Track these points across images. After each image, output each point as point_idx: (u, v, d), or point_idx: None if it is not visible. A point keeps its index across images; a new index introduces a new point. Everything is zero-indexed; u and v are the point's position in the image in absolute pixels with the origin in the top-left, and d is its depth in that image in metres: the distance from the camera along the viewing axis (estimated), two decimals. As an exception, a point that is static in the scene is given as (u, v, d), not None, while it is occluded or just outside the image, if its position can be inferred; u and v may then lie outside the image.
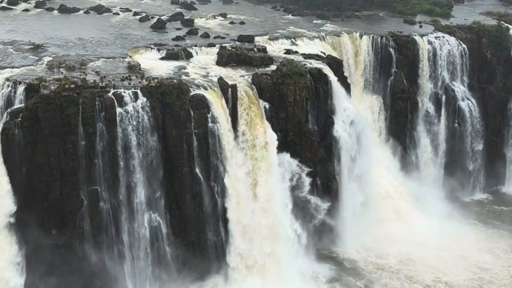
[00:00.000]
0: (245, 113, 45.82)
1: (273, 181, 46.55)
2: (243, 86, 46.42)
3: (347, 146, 51.11)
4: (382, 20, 68.18)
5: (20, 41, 50.96)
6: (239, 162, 45.63)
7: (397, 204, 56.88)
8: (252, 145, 45.99)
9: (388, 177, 57.33)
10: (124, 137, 41.53)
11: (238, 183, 45.68)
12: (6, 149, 40.02)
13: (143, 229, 43.04)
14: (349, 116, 51.43)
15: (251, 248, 46.01)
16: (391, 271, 49.63)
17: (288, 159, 47.34)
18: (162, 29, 58.45)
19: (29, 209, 40.76)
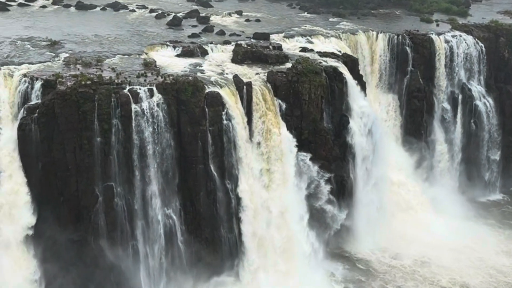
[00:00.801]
0: (260, 111, 45.81)
1: (288, 179, 46.46)
2: (258, 84, 46.41)
3: (362, 144, 50.95)
4: (398, 19, 67.83)
5: (37, 37, 51.33)
6: (253, 159, 45.63)
7: (412, 203, 56.64)
8: (266, 142, 45.95)
9: (402, 176, 57.08)
10: (139, 134, 41.68)
11: (252, 180, 45.67)
12: (23, 144, 40.37)
13: (158, 226, 43.19)
14: (364, 115, 51.26)
15: (264, 245, 46.04)
16: (406, 272, 49.35)
17: (303, 157, 47.29)
18: (178, 26, 58.62)
19: (45, 204, 41.09)
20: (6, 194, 40.73)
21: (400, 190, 56.99)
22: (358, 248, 51.46)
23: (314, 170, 47.99)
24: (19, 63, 44.34)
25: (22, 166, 40.73)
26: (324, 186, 48.45)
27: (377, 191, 52.74)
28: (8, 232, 40.72)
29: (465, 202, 59.42)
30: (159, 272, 43.64)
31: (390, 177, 55.09)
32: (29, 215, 40.87)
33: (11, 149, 40.77)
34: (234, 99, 44.85)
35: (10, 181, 40.79)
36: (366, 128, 51.29)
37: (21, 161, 40.63)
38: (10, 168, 40.83)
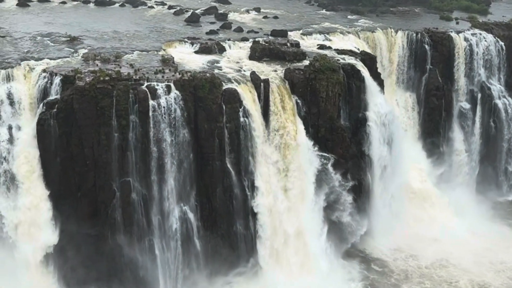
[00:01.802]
0: (277, 108, 45.80)
1: (304, 176, 46.42)
2: (276, 81, 46.39)
3: (379, 142, 50.67)
4: (417, 16, 67.39)
5: (56, 33, 51.77)
6: (270, 156, 45.66)
7: (429, 202, 56.22)
8: (283, 140, 45.94)
9: (420, 175, 56.70)
10: (156, 130, 41.89)
11: (269, 177, 45.70)
12: (41, 139, 40.77)
13: (174, 221, 43.38)
14: (382, 113, 50.96)
15: (279, 243, 46.08)
16: (423, 273, 48.81)
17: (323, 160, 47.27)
18: (196, 22, 58.76)
19: (62, 198, 41.48)
20: (25, 209, 40.84)
21: (417, 189, 56.58)
22: (374, 248, 51.17)
23: (335, 178, 47.94)
24: (38, 58, 44.74)
25: (41, 161, 41.03)
26: (345, 196, 48.45)
27: (394, 190, 52.44)
28: (27, 252, 40.64)
29: (484, 202, 58.78)
30: (175, 267, 43.83)
31: (407, 176, 54.74)
32: (50, 232, 41.03)
33: (31, 155, 40.87)
34: (251, 96, 44.89)
35: (28, 194, 40.98)
36: (383, 126, 50.99)
37: (40, 156, 40.99)
38: (29, 178, 41.03)
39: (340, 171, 47.92)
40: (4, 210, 40.44)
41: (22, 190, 40.81)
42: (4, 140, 40.61)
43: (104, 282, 42.24)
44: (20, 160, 40.85)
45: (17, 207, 40.66)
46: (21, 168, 40.84)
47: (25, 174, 40.94)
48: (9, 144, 40.61)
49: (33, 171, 41.12)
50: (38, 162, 41.12)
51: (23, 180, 40.86)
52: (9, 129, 40.88)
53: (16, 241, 40.61)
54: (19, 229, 40.70)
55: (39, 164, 41.14)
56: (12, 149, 40.67)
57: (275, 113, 45.73)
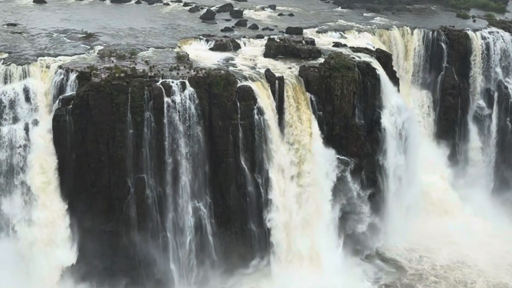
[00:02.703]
0: (292, 105, 45.73)
1: (318, 174, 46.34)
2: (290, 79, 46.31)
3: (394, 141, 50.41)
4: (434, 14, 66.92)
5: (73, 29, 52.10)
6: (284, 154, 45.59)
7: (444, 202, 55.82)
8: (297, 137, 45.89)
9: (435, 174, 56.34)
10: (171, 127, 42.01)
11: (283, 175, 45.67)
12: (57, 135, 41.05)
13: (188, 218, 43.51)
14: (397, 111, 50.67)
15: (293, 241, 46.03)
16: (438, 274, 48.38)
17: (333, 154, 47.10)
18: (211, 20, 58.84)
19: (77, 194, 41.74)
20: (41, 226, 40.82)
21: (432, 188, 56.18)
22: (387, 248, 50.85)
23: (354, 188, 47.90)
24: (55, 55, 45.08)
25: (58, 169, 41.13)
26: (364, 209, 48.44)
27: (408, 189, 52.13)
28: (42, 272, 40.51)
29: (501, 202, 58.16)
30: (188, 264, 43.97)
31: (422, 175, 54.37)
32: (67, 252, 41.13)
33: (47, 165, 40.96)
34: (265, 94, 44.85)
35: (44, 209, 41.09)
36: (398, 124, 50.72)
37: (55, 152, 41.25)
38: (45, 191, 41.16)
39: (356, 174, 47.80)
40: (18, 224, 40.27)
41: (38, 204, 40.88)
42: (20, 146, 40.71)
43: (118, 277, 42.46)
44: (35, 169, 40.96)
45: (32, 222, 40.64)
46: (36, 179, 40.87)
47: (41, 186, 41.04)
48: (24, 151, 40.80)
49: (49, 182, 41.25)
50: (55, 173, 41.26)
51: (38, 193, 40.95)
52: (26, 129, 41.08)
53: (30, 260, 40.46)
54: (34, 247, 40.54)
55: (56, 174, 41.25)
56: (27, 156, 40.82)
57: (289, 110, 45.66)
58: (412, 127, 52.26)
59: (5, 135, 40.76)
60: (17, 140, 40.81)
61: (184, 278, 43.71)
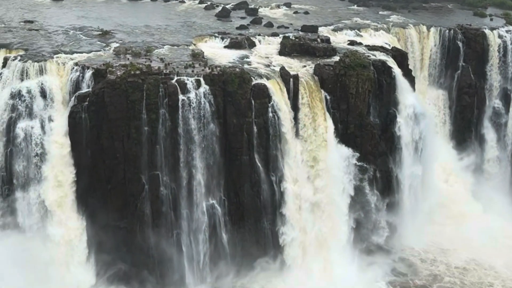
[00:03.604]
0: (306, 103, 45.66)
1: (332, 172, 46.24)
2: (305, 77, 46.23)
3: (409, 140, 50.15)
4: (450, 13, 66.46)
5: (89, 27, 52.42)
6: (298, 152, 45.53)
7: (459, 202, 55.45)
8: (312, 136, 45.81)
9: (450, 173, 55.99)
10: (186, 124, 42.11)
11: (297, 173, 45.62)
12: (73, 131, 41.33)
13: (201, 215, 43.59)
14: (413, 110, 50.37)
15: (306, 240, 45.99)
16: (453, 275, 48.00)
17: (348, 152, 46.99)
18: (226, 17, 58.90)
19: (92, 190, 42.02)
20: (58, 245, 40.96)
21: (447, 188, 55.90)
22: (401, 247, 50.58)
23: (372, 200, 47.90)
24: (71, 52, 45.36)
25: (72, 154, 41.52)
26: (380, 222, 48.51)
27: (423, 189, 51.83)
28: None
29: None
30: (202, 261, 44.09)
31: (437, 174, 54.07)
32: (85, 274, 41.50)
33: (62, 179, 41.10)
34: (280, 92, 44.81)
35: (60, 226, 41.28)
36: (413, 123, 50.43)
37: (71, 148, 41.53)
38: (61, 206, 41.34)
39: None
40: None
41: (53, 221, 41.17)
42: (36, 155, 40.98)
43: (132, 273, 42.72)
44: (50, 182, 41.20)
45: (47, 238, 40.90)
46: (52, 193, 41.15)
47: (57, 200, 41.32)
48: (41, 161, 41.09)
49: (65, 195, 41.52)
50: (72, 185, 41.54)
51: (53, 209, 41.19)
52: (42, 126, 41.35)
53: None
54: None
55: (74, 187, 41.56)
56: (43, 168, 41.10)
57: (304, 109, 45.59)
58: (428, 126, 51.85)
59: (22, 131, 41.08)
60: (33, 139, 41.13)
61: (197, 275, 43.84)
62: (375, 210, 48.42)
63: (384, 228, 49.08)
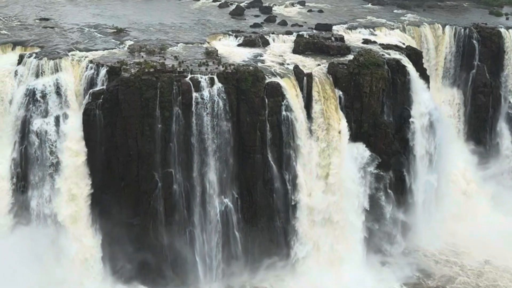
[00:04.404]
0: (320, 102, 45.56)
1: (345, 172, 46.14)
2: (319, 75, 46.13)
3: (423, 139, 49.90)
4: (466, 11, 65.99)
5: (104, 24, 52.67)
6: (311, 151, 45.46)
7: (474, 202, 55.09)
8: (325, 134, 45.71)
9: (465, 173, 55.66)
10: (199, 122, 42.19)
11: (310, 172, 45.56)
12: (87, 129, 41.55)
13: (214, 213, 43.66)
14: (427, 109, 50.09)
15: (319, 239, 45.92)
16: (467, 275, 47.60)
17: (362, 150, 46.83)
18: (240, 16, 58.92)
19: (106, 187, 42.24)
20: (74, 269, 41.12)
21: (461, 187, 55.56)
22: (415, 247, 50.36)
23: (388, 210, 47.83)
24: (85, 49, 45.58)
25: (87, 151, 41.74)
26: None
27: (437, 188, 51.53)
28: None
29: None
30: (214, 259, 44.18)
31: (451, 174, 53.76)
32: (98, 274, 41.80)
33: (77, 190, 41.32)
34: (294, 90, 44.77)
35: (75, 243, 41.31)
36: (428, 122, 50.15)
37: (85, 145, 41.76)
38: (75, 222, 41.38)
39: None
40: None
41: (68, 240, 41.20)
42: (51, 164, 41.21)
43: (145, 271, 42.91)
44: (64, 197, 41.35)
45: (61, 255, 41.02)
46: (66, 208, 41.19)
47: (72, 215, 41.47)
48: (55, 172, 41.24)
49: (79, 210, 41.66)
50: (86, 200, 41.70)
51: (67, 226, 41.29)
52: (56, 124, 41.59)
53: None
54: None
55: (88, 201, 41.75)
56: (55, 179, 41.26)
57: (317, 107, 45.48)
58: (442, 126, 51.59)
59: (37, 129, 41.38)
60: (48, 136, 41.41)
61: (209, 273, 43.93)
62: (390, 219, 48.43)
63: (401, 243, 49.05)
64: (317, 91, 45.47)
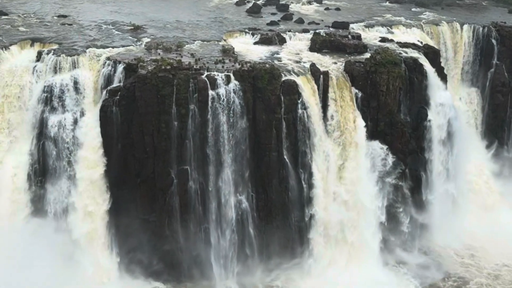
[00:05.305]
0: (336, 100, 45.43)
1: (361, 170, 45.97)
2: (335, 73, 45.99)
3: (440, 138, 49.56)
4: (485, 10, 65.39)
5: (121, 22, 52.94)
6: (327, 149, 45.35)
7: (491, 201, 54.65)
8: (341, 133, 45.59)
9: (481, 172, 55.21)
10: (215, 119, 42.26)
11: (326, 170, 45.46)
12: (104, 125, 41.81)
13: (229, 210, 43.72)
14: (444, 108, 49.75)
15: (334, 236, 45.86)
16: (483, 275, 47.20)
17: (379, 148, 46.63)
18: (257, 13, 58.90)
19: (122, 184, 42.49)
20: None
21: (478, 187, 55.13)
22: (431, 246, 50.06)
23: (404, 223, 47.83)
24: (103, 46, 45.85)
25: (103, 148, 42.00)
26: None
27: (454, 187, 51.16)
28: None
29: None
30: (229, 256, 44.23)
31: (468, 173, 53.35)
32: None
33: (94, 209, 41.52)
34: (310, 88, 44.67)
35: (91, 266, 41.59)
36: (445, 121, 49.80)
37: (102, 141, 42.03)
38: (92, 243, 41.73)
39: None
40: None
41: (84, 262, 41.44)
42: (67, 165, 41.63)
43: (159, 267, 43.15)
44: (79, 214, 41.56)
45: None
46: (81, 228, 41.38)
47: (88, 235, 41.74)
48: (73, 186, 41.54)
49: (96, 229, 41.92)
50: (104, 218, 42.00)
51: (84, 245, 41.44)
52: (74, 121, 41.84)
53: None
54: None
55: (106, 221, 42.11)
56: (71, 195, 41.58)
57: (333, 105, 45.38)
58: (459, 125, 51.21)
59: (54, 125, 41.73)
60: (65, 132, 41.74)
61: (224, 270, 43.99)
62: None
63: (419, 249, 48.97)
64: (334, 90, 45.32)
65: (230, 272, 44.23)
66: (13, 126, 42.62)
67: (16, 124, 42.62)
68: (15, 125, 42.63)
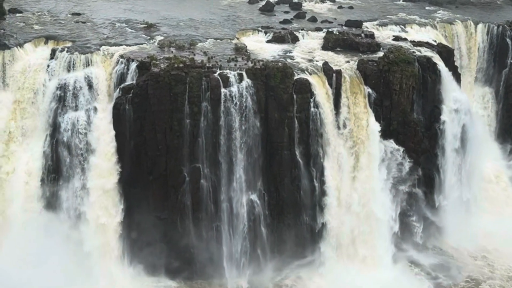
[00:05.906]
0: (349, 99, 45.30)
1: (374, 170, 45.82)
2: (348, 72, 45.86)
3: (453, 138, 49.28)
4: (500, 8, 64.83)
5: (134, 20, 53.09)
6: (339, 148, 45.26)
7: (505, 201, 54.23)
8: (354, 132, 45.47)
9: (495, 172, 54.85)
10: (227, 118, 42.30)
11: (338, 169, 45.37)
12: (117, 123, 42.03)
13: (241, 209, 43.75)
14: (458, 108, 49.44)
15: (346, 235, 45.74)
16: (497, 276, 46.77)
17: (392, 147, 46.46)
18: (270, 12, 58.83)
19: (135, 181, 42.66)
20: None
21: (492, 186, 54.73)
22: (444, 245, 49.81)
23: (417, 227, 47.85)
24: (116, 44, 46.06)
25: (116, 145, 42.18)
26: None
27: (467, 187, 50.86)
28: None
29: None
30: (241, 254, 44.29)
31: (481, 173, 53.00)
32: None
33: (107, 221, 41.75)
34: (322, 87, 44.59)
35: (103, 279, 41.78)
36: (459, 121, 49.50)
37: (115, 139, 42.20)
38: (105, 258, 42.02)
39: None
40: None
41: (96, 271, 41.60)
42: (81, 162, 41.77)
43: (171, 264, 43.31)
44: (91, 229, 41.65)
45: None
46: (93, 240, 41.68)
47: (101, 250, 41.92)
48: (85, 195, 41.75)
49: (108, 243, 42.09)
50: (116, 233, 42.30)
51: (96, 261, 41.72)
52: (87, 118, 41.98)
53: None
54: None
55: (120, 229, 42.45)
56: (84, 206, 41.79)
57: (346, 104, 45.26)
58: (473, 124, 50.87)
59: (68, 121, 41.95)
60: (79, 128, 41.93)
61: (235, 268, 44.04)
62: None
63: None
64: (346, 88, 45.19)
65: (242, 271, 44.28)
66: (26, 134, 42.71)
67: (30, 132, 42.79)
68: (29, 132, 42.77)
